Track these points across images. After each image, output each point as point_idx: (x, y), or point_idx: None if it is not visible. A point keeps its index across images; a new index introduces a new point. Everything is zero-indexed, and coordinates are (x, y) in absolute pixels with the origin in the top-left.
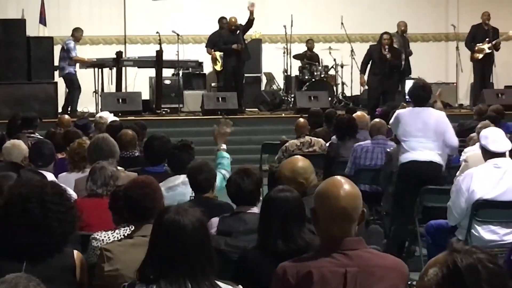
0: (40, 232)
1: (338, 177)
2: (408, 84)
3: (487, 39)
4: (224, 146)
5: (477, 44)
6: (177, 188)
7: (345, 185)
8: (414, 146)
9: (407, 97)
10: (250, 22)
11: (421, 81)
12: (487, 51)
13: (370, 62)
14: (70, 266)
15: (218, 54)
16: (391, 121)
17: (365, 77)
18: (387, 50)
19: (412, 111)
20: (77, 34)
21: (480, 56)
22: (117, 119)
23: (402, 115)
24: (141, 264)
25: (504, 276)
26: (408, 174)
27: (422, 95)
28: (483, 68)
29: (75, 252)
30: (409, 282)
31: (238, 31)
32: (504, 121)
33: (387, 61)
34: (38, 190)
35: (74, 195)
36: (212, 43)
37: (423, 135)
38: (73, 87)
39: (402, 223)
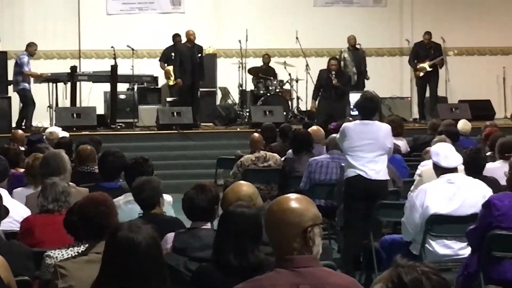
0: None
1: (289, 195)
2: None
3: (428, 57)
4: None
5: (420, 63)
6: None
7: (290, 202)
8: (360, 161)
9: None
10: None
11: (369, 93)
12: (428, 69)
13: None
14: None
15: (171, 68)
16: (337, 134)
17: (316, 102)
18: (333, 75)
19: (359, 125)
20: (31, 48)
21: (421, 74)
22: (67, 134)
23: (348, 129)
24: (95, 281)
25: (447, 287)
26: (355, 189)
27: (370, 106)
28: (425, 86)
29: None
30: None
31: (194, 45)
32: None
33: (334, 87)
34: None
35: (27, 211)
36: (166, 57)
37: (370, 149)
38: (28, 103)
39: (352, 238)
